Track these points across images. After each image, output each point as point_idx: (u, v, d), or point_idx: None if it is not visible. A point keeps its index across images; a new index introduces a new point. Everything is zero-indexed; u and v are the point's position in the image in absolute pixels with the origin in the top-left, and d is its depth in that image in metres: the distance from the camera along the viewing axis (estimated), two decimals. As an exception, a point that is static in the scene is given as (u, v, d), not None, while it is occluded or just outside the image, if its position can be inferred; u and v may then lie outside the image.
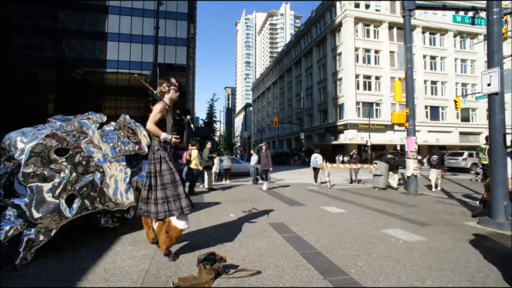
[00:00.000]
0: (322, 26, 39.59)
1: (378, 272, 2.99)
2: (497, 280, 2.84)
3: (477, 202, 6.68)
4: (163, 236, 3.23)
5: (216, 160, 11.68)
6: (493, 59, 5.24)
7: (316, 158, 12.04)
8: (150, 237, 3.55)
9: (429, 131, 34.62)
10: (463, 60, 37.45)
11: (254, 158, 12.53)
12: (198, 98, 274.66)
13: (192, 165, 9.46)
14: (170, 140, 3.26)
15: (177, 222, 3.22)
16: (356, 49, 33.93)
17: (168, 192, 3.20)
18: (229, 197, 8.29)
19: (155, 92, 3.55)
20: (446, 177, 16.92)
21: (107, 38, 35.33)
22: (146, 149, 4.93)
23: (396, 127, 20.49)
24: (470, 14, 11.00)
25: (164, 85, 3.43)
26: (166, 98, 3.42)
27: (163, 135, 3.23)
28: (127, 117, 4.78)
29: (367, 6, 35.05)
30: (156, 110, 3.23)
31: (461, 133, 35.97)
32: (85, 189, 3.66)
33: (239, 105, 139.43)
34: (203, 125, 50.60)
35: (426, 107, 35.42)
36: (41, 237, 3.17)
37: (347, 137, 32.74)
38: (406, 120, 9.74)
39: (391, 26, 34.91)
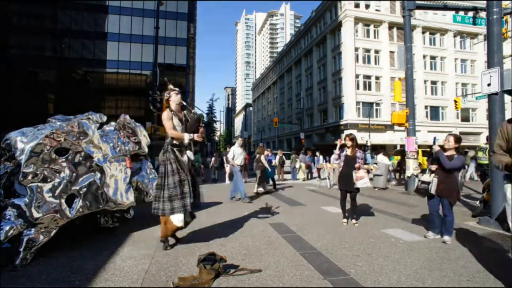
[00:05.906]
0: (322, 26, 39.55)
1: (378, 272, 2.99)
2: (496, 280, 2.84)
3: (477, 202, 6.68)
4: (162, 226, 3.67)
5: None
6: (493, 59, 5.24)
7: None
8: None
9: (429, 131, 34.52)
10: (463, 60, 37.39)
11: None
12: (198, 98, 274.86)
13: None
14: (193, 139, 3.60)
15: (173, 218, 3.54)
16: (356, 49, 33.87)
17: (165, 193, 3.47)
18: (229, 197, 8.28)
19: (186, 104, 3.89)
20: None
21: (107, 38, 35.28)
22: (146, 149, 4.94)
23: (396, 127, 20.43)
24: (470, 14, 10.99)
25: (165, 93, 3.77)
26: (172, 104, 3.75)
27: (186, 137, 3.55)
28: (127, 117, 4.79)
29: (367, 6, 34.99)
30: (164, 119, 3.55)
31: (461, 133, 35.86)
32: (85, 189, 3.66)
33: (239, 105, 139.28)
34: (203, 125, 50.57)
35: (426, 107, 35.37)
36: (41, 237, 3.17)
37: (347, 137, 32.67)
38: (406, 120, 9.73)
39: (391, 26, 34.86)
